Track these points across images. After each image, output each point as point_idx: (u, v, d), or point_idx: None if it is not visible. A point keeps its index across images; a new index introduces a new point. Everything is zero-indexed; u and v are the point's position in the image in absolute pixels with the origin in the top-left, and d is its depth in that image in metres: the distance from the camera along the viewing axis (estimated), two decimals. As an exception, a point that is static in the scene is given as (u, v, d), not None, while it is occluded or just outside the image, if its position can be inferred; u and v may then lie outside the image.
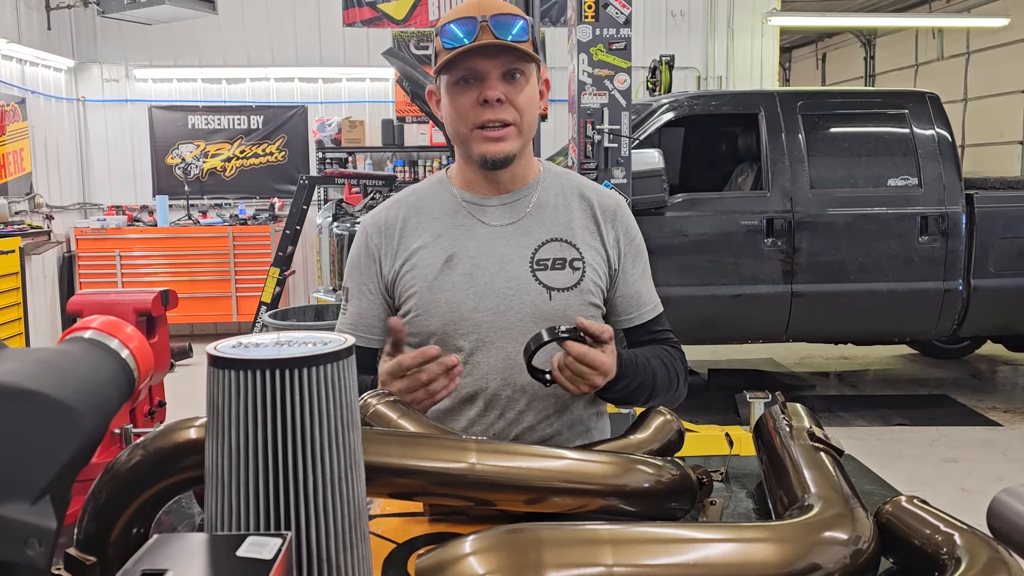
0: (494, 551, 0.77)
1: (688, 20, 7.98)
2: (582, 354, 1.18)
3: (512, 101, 1.30)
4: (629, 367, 1.31)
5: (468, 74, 1.30)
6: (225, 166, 7.79)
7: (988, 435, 4.80)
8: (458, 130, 1.34)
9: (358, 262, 1.43)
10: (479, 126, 1.31)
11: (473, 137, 1.33)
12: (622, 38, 3.76)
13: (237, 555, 0.56)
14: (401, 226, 1.41)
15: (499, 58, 1.28)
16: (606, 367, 1.21)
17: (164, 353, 1.20)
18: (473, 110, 1.30)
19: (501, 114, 1.30)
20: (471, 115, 1.31)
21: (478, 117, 1.30)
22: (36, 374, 0.61)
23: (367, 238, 1.42)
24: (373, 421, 1.12)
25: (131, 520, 0.83)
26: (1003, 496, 0.73)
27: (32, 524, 0.57)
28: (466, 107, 1.31)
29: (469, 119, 1.31)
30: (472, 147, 1.34)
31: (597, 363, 1.19)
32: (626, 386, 1.30)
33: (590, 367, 1.19)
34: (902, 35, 10.95)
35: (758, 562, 0.81)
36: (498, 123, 1.31)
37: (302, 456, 0.68)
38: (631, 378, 1.31)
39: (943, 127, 4.98)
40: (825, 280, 4.85)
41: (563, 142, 5.52)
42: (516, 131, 1.33)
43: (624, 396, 1.33)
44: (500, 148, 1.32)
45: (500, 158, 1.33)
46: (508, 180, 1.40)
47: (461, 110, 1.32)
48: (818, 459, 1.02)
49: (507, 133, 1.32)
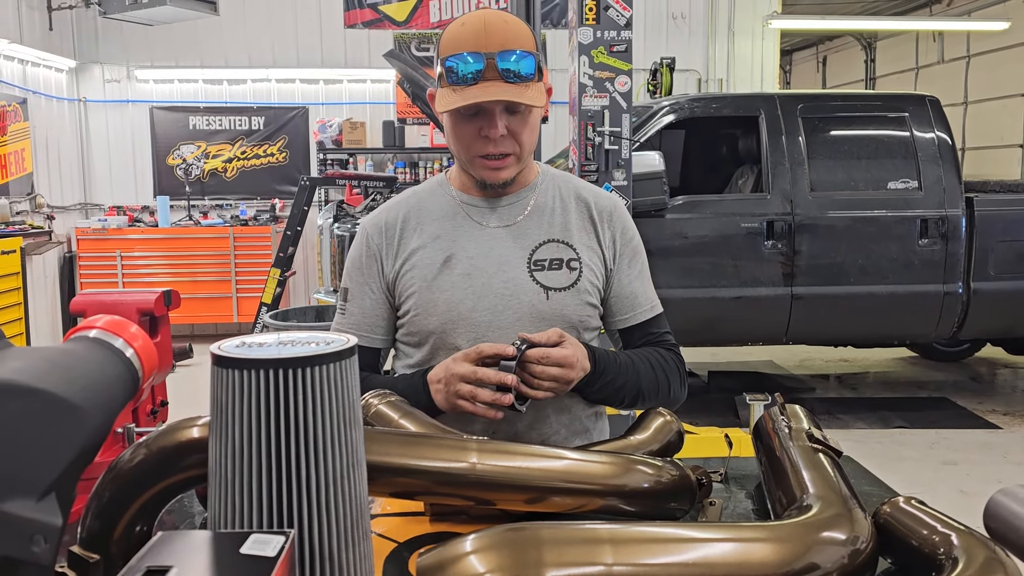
0: (494, 550, 0.78)
1: (689, 23, 7.99)
2: (543, 354, 1.22)
3: (514, 134, 1.32)
4: (609, 364, 1.33)
5: (469, 109, 1.30)
6: (226, 167, 7.80)
7: (988, 438, 4.80)
8: (459, 154, 1.37)
9: (359, 262, 1.44)
10: (480, 155, 1.34)
11: (474, 163, 1.36)
12: (623, 40, 3.76)
13: (241, 552, 0.57)
14: (401, 227, 1.42)
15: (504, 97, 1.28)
16: (571, 358, 1.23)
17: (167, 353, 1.21)
18: (475, 142, 1.33)
19: (502, 147, 1.32)
20: (473, 146, 1.33)
21: (480, 149, 1.33)
22: (42, 372, 0.62)
23: (367, 239, 1.44)
24: (375, 421, 1.13)
25: (134, 518, 0.83)
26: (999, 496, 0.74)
27: (37, 521, 0.58)
28: (468, 137, 1.33)
29: (471, 149, 1.34)
30: (472, 170, 1.37)
31: (560, 358, 1.23)
32: (608, 383, 1.32)
33: (557, 365, 1.22)
34: (903, 38, 10.96)
35: (757, 562, 0.81)
36: (499, 155, 1.33)
37: (305, 455, 0.68)
38: (612, 375, 1.33)
39: (943, 130, 4.99)
40: (825, 283, 4.85)
41: (563, 144, 5.53)
42: (515, 159, 1.35)
43: (608, 394, 1.36)
44: (499, 175, 1.36)
45: (499, 183, 1.37)
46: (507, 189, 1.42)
47: (463, 139, 1.34)
48: (816, 460, 1.03)
49: (507, 162, 1.35)
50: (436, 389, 1.27)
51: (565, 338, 1.26)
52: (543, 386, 1.23)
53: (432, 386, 1.28)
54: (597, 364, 1.31)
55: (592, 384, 1.31)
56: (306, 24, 7.68)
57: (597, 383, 1.31)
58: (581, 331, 1.40)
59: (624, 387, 1.35)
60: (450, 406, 1.25)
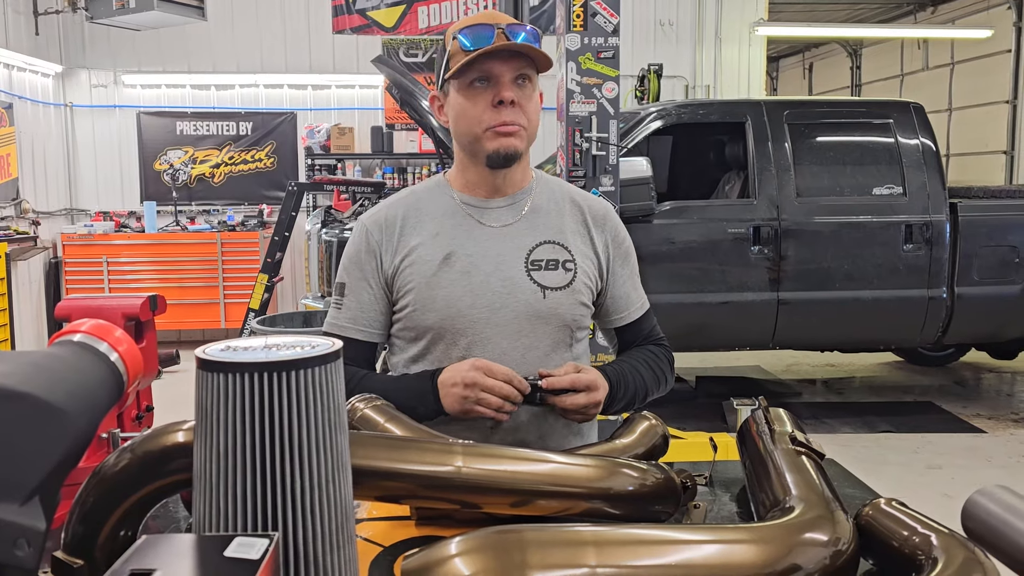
0: (480, 552, 0.78)
1: (676, 29, 8.04)
2: (571, 382, 1.29)
3: (522, 106, 1.37)
4: (620, 380, 1.40)
5: (482, 75, 1.35)
6: (214, 172, 7.77)
7: (972, 442, 4.83)
8: (471, 130, 1.38)
9: (357, 257, 1.45)
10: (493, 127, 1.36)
11: (486, 136, 1.37)
12: (610, 47, 3.78)
13: (225, 555, 0.57)
14: (401, 224, 1.44)
15: (513, 61, 1.35)
16: (594, 381, 1.31)
17: (152, 358, 1.20)
18: (488, 112, 1.36)
19: (513, 116, 1.36)
20: (486, 117, 1.36)
21: (494, 119, 1.35)
22: (26, 376, 0.62)
23: (367, 234, 1.45)
24: (360, 425, 1.13)
25: (119, 523, 0.83)
26: (977, 497, 0.75)
27: (21, 525, 0.58)
28: (481, 109, 1.36)
29: (484, 121, 1.36)
30: (484, 144, 1.38)
31: (585, 383, 1.30)
32: (623, 395, 1.41)
33: (585, 390, 1.30)
34: (888, 46, 11.06)
35: (739, 563, 0.82)
36: (512, 124, 1.36)
37: (290, 458, 0.68)
38: (624, 389, 1.41)
39: (927, 137, 5.03)
40: (811, 288, 4.88)
41: (551, 150, 5.54)
42: (524, 133, 1.39)
43: (624, 406, 1.44)
44: (511, 143, 1.37)
45: (511, 152, 1.38)
46: (506, 184, 1.45)
47: (475, 112, 1.37)
48: (799, 462, 1.04)
49: (518, 131, 1.38)
50: (451, 392, 1.29)
51: (582, 368, 1.32)
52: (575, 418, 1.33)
53: (445, 388, 1.30)
54: (611, 383, 1.37)
55: (613, 402, 1.39)
56: (294, 29, 7.67)
57: (616, 400, 1.39)
58: (575, 330, 1.45)
59: (636, 395, 1.43)
60: (462, 410, 1.28)
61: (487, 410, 1.26)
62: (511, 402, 1.26)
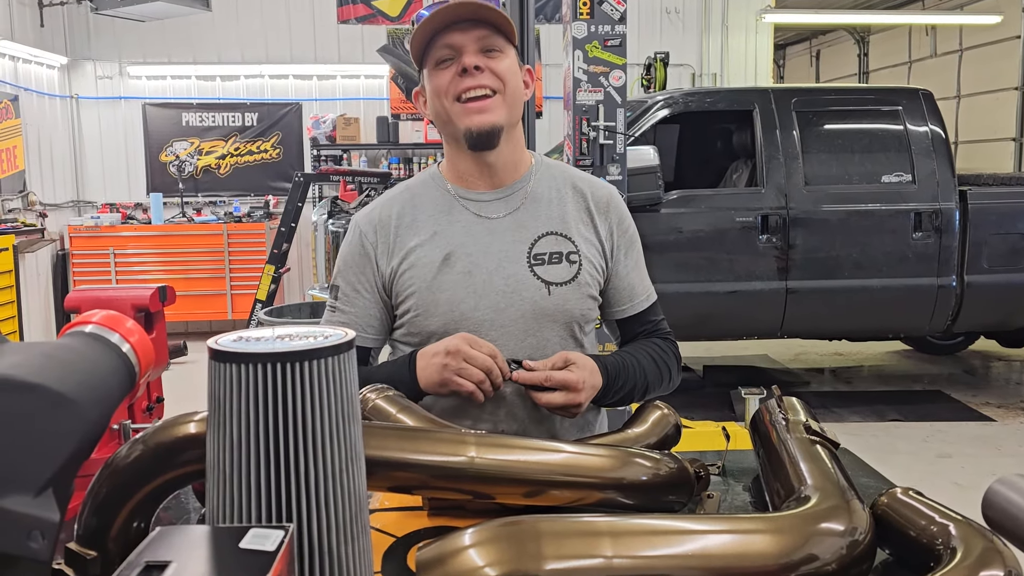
0: (494, 543, 0.77)
1: (683, 17, 7.99)
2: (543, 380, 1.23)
3: (492, 69, 1.30)
4: (619, 373, 1.34)
5: (446, 53, 1.31)
6: (220, 163, 7.77)
7: (982, 431, 4.82)
8: (442, 107, 1.33)
9: (352, 260, 1.41)
10: (460, 98, 1.30)
11: (455, 112, 1.31)
12: (617, 35, 3.76)
13: (240, 547, 0.57)
14: (396, 223, 1.39)
15: (474, 31, 1.29)
16: (575, 382, 1.23)
17: (163, 349, 1.20)
18: (452, 82, 1.30)
19: (481, 80, 1.29)
20: (451, 87, 1.30)
21: (457, 87, 1.30)
22: (39, 367, 0.62)
23: (361, 236, 1.41)
24: (372, 416, 1.13)
25: (131, 515, 0.83)
26: (997, 485, 0.74)
27: (35, 516, 0.57)
28: (446, 81, 1.31)
29: (450, 92, 1.31)
30: (457, 123, 1.32)
31: (560, 382, 1.23)
32: (619, 389, 1.34)
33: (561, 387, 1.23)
34: (895, 32, 10.98)
35: (756, 553, 0.81)
36: (479, 91, 1.30)
37: (303, 449, 0.68)
38: (622, 381, 1.34)
39: (936, 124, 5.00)
40: (820, 276, 4.86)
41: (558, 139, 5.52)
42: (500, 100, 1.32)
43: (620, 399, 1.37)
44: (485, 119, 1.31)
45: (486, 129, 1.31)
46: (500, 171, 1.39)
47: (441, 86, 1.31)
48: (814, 452, 1.03)
49: (490, 104, 1.31)
50: (431, 363, 1.24)
51: (572, 361, 1.25)
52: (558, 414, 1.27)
53: (425, 359, 1.26)
54: (609, 376, 1.31)
55: (607, 395, 1.33)
56: (299, 20, 7.65)
57: (611, 393, 1.33)
58: (582, 324, 1.41)
59: (634, 389, 1.37)
60: (441, 381, 1.23)
61: (467, 383, 1.20)
62: (492, 383, 1.21)
